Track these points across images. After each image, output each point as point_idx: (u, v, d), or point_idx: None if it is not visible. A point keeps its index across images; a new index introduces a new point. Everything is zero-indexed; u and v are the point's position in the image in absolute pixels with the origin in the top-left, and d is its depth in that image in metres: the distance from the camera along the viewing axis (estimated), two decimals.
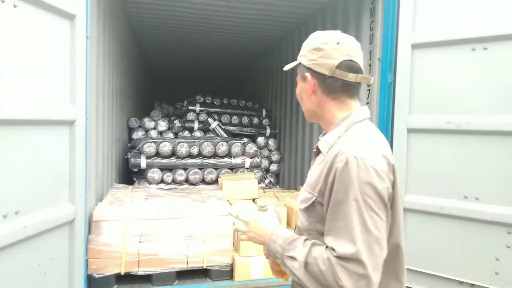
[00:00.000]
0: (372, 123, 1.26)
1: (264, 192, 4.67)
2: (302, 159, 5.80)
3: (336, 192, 1.00)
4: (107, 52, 4.14)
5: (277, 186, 6.59)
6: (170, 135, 6.26)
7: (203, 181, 4.83)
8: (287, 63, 5.04)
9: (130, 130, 6.20)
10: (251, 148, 4.95)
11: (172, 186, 4.77)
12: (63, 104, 2.65)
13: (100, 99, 3.70)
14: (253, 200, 4.07)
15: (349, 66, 1.14)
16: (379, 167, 1.00)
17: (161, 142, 4.68)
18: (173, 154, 4.72)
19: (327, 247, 1.02)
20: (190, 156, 4.79)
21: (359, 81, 1.16)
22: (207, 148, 4.75)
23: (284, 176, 6.65)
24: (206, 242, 3.39)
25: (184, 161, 4.79)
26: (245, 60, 9.03)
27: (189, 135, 6.32)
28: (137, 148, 4.74)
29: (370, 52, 3.94)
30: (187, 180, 4.78)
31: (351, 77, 1.13)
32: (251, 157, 5.04)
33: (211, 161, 4.86)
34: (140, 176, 4.80)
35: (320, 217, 1.09)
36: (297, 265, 1.02)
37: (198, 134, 6.36)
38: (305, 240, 1.09)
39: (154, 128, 6.28)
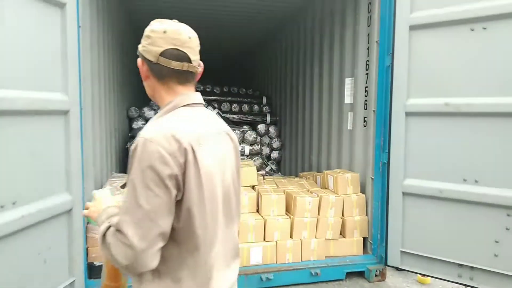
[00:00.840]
0: (208, 109, 1.34)
1: (264, 179, 4.68)
2: (303, 146, 5.78)
3: (128, 172, 1.10)
4: (102, 42, 4.11)
5: (279, 173, 6.60)
6: None
7: None
8: (287, 50, 5.01)
9: (131, 120, 6.20)
10: (250, 135, 4.94)
11: None
12: (56, 94, 2.64)
13: (96, 89, 3.69)
14: (253, 187, 4.07)
15: (174, 54, 1.19)
16: (163, 150, 1.05)
17: None
18: None
19: None
20: None
21: (187, 69, 1.22)
22: None
23: (285, 162, 6.65)
24: None
25: None
26: (246, 48, 8.94)
27: None
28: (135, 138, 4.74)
29: (368, 35, 3.87)
30: None
31: (175, 65, 1.19)
32: (251, 145, 5.03)
33: None
34: None
35: None
36: (99, 237, 1.12)
37: None
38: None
39: None
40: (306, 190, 4.10)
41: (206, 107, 6.16)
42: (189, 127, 1.15)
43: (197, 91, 1.31)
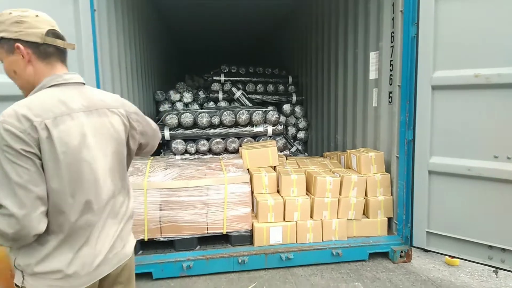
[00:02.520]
0: (88, 87, 1.43)
1: (286, 159, 4.62)
2: (328, 125, 5.64)
3: None
4: (122, 27, 4.15)
5: (305, 153, 6.51)
6: (196, 106, 6.30)
7: (226, 150, 4.85)
8: (311, 27, 4.85)
9: (157, 103, 6.31)
10: (272, 115, 4.86)
11: (196, 156, 4.84)
12: None
13: (117, 73, 3.75)
14: (274, 167, 4.04)
15: (56, 34, 1.33)
16: (15, 129, 1.14)
17: (183, 113, 4.71)
18: (195, 125, 4.76)
19: None
20: (212, 126, 4.81)
21: (67, 47, 1.36)
22: (228, 117, 4.73)
23: (312, 143, 6.54)
24: (225, 209, 3.43)
25: (206, 131, 4.81)
26: (271, 27, 8.77)
27: (214, 105, 6.33)
28: (160, 120, 4.82)
29: (393, 4, 3.64)
30: (210, 150, 4.83)
31: (59, 43, 1.32)
32: (273, 125, 4.96)
33: (233, 130, 4.85)
34: (167, 148, 4.91)
35: None
36: None
37: (223, 104, 6.35)
38: None
39: (180, 100, 6.34)
40: (328, 170, 4.01)
41: (230, 89, 6.17)
42: (48, 105, 1.22)
43: (221, 72, 1.36)
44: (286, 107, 6.47)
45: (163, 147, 5.09)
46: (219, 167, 3.79)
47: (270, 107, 6.29)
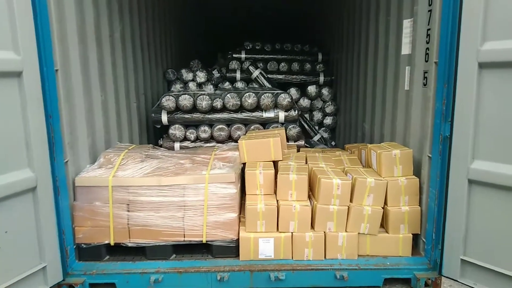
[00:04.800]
0: None
1: (298, 151, 3.89)
2: (357, 111, 4.78)
3: None
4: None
5: (332, 142, 5.69)
6: (210, 87, 5.70)
7: (230, 138, 4.23)
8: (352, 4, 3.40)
9: (169, 83, 5.80)
10: (284, 99, 4.13)
11: (198, 143, 4.28)
12: (3, 53, 2.20)
13: (93, 49, 3.21)
14: (275, 162, 3.36)
15: None
16: None
17: (181, 95, 4.13)
18: (196, 108, 4.17)
19: None
20: (215, 110, 4.19)
21: None
22: (231, 100, 4.07)
23: (340, 130, 5.70)
24: (205, 213, 2.83)
25: (209, 116, 4.21)
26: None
27: (230, 86, 5.70)
28: (157, 103, 4.29)
29: None
30: (213, 137, 4.23)
31: None
32: (286, 110, 4.23)
33: (239, 115, 4.20)
34: (165, 134, 4.40)
35: None
36: None
37: (239, 85, 5.70)
38: None
39: (193, 80, 5.77)
40: (341, 168, 3.24)
41: (247, 67, 5.46)
42: None
43: (243, 50, 0.77)
44: (311, 89, 5.65)
45: (162, 134, 4.58)
46: (207, 161, 3.18)
47: (294, 89, 5.54)
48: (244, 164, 3.31)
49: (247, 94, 4.12)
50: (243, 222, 2.96)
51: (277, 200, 2.92)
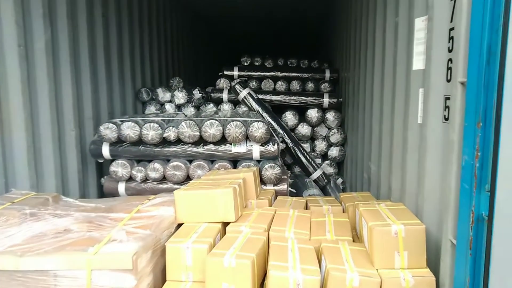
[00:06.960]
0: None
1: (270, 205, 2.80)
2: (363, 145, 3.62)
3: None
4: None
5: (336, 181, 4.51)
6: (191, 109, 4.77)
7: (189, 179, 3.23)
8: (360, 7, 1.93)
9: (143, 104, 4.91)
10: (258, 129, 3.07)
11: (149, 185, 3.30)
12: None
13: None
14: (227, 224, 2.31)
15: None
16: None
17: (124, 122, 3.19)
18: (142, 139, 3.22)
19: None
20: (168, 142, 3.21)
21: None
22: (187, 130, 3.07)
23: (347, 165, 4.53)
24: None
25: (162, 149, 3.24)
26: (318, 15, 6.79)
27: (214, 108, 4.74)
28: (96, 132, 3.37)
29: None
30: (165, 178, 3.24)
31: None
32: (262, 144, 3.17)
33: (201, 149, 3.19)
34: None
35: None
36: None
37: (225, 107, 4.72)
38: None
39: (170, 101, 4.86)
40: (318, 241, 2.13)
41: (234, 86, 4.43)
42: None
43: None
44: (312, 113, 4.56)
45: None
46: (116, 224, 2.18)
47: (289, 113, 4.49)
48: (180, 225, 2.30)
49: (208, 122, 3.11)
50: None
51: None
